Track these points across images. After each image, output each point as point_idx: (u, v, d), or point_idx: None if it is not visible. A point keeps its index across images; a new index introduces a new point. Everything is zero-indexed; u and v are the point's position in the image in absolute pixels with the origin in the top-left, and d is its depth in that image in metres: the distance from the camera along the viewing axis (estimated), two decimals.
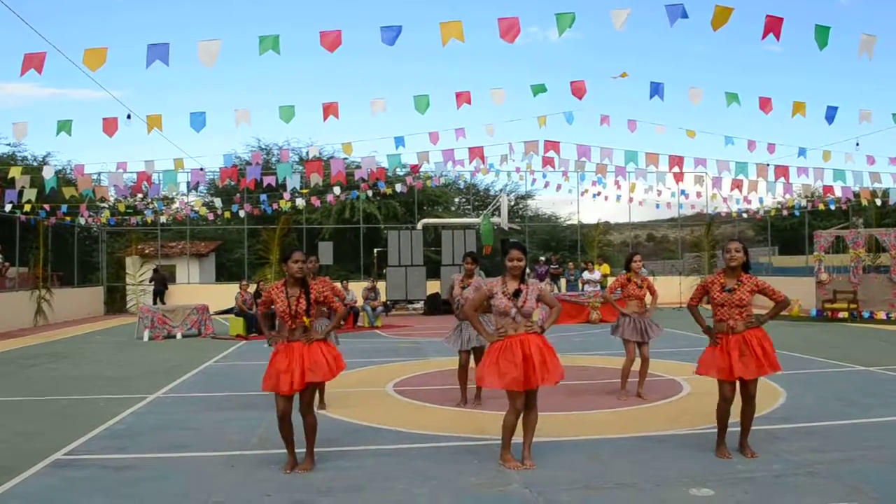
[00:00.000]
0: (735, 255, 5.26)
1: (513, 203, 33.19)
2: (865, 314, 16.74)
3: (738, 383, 5.27)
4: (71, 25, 63.30)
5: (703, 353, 5.44)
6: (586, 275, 20.40)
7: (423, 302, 22.16)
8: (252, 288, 16.90)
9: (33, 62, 8.16)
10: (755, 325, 5.25)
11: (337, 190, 21.75)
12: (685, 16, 7.77)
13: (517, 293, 5.08)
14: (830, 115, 11.34)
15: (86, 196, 19.15)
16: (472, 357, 7.45)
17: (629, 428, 6.30)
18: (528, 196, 34.25)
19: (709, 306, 5.48)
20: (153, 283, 23.16)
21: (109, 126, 10.73)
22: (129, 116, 10.79)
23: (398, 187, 22.59)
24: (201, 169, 16.46)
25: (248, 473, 5.07)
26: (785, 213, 26.36)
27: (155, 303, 21.33)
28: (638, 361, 7.83)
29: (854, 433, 5.98)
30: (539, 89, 10.87)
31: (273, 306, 5.20)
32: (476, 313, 5.44)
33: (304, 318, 5.08)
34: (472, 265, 7.58)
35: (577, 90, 10.89)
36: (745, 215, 28.05)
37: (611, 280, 21.12)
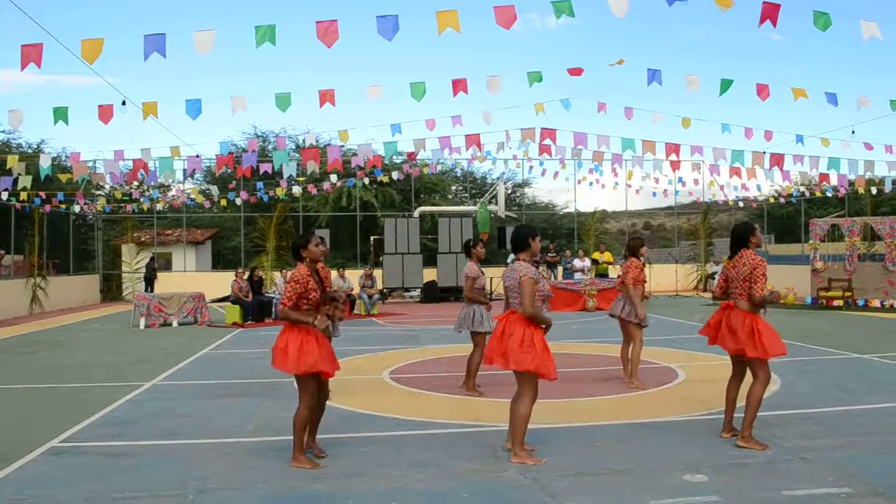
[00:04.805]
0: None
1: (510, 191, 33.18)
2: (860, 302, 16.80)
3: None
4: (66, 12, 62.90)
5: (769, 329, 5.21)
6: (577, 262, 20.27)
7: (419, 290, 22.17)
8: (248, 275, 16.87)
9: (32, 55, 7.99)
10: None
11: (334, 177, 21.69)
12: None
13: None
14: (832, 98, 11.37)
15: (81, 182, 19.08)
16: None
17: (623, 415, 6.33)
18: (524, 184, 34.19)
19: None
20: (146, 270, 23.22)
21: (105, 113, 10.69)
22: (123, 102, 10.75)
23: (395, 175, 22.54)
24: (197, 156, 16.36)
25: (243, 460, 5.10)
26: (782, 200, 26.36)
27: (147, 290, 21.35)
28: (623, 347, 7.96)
29: (847, 420, 6.02)
30: (535, 78, 10.82)
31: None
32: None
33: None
34: (482, 249, 7.77)
35: (575, 71, 10.88)
36: (741, 203, 28.07)
37: (611, 268, 20.99)
